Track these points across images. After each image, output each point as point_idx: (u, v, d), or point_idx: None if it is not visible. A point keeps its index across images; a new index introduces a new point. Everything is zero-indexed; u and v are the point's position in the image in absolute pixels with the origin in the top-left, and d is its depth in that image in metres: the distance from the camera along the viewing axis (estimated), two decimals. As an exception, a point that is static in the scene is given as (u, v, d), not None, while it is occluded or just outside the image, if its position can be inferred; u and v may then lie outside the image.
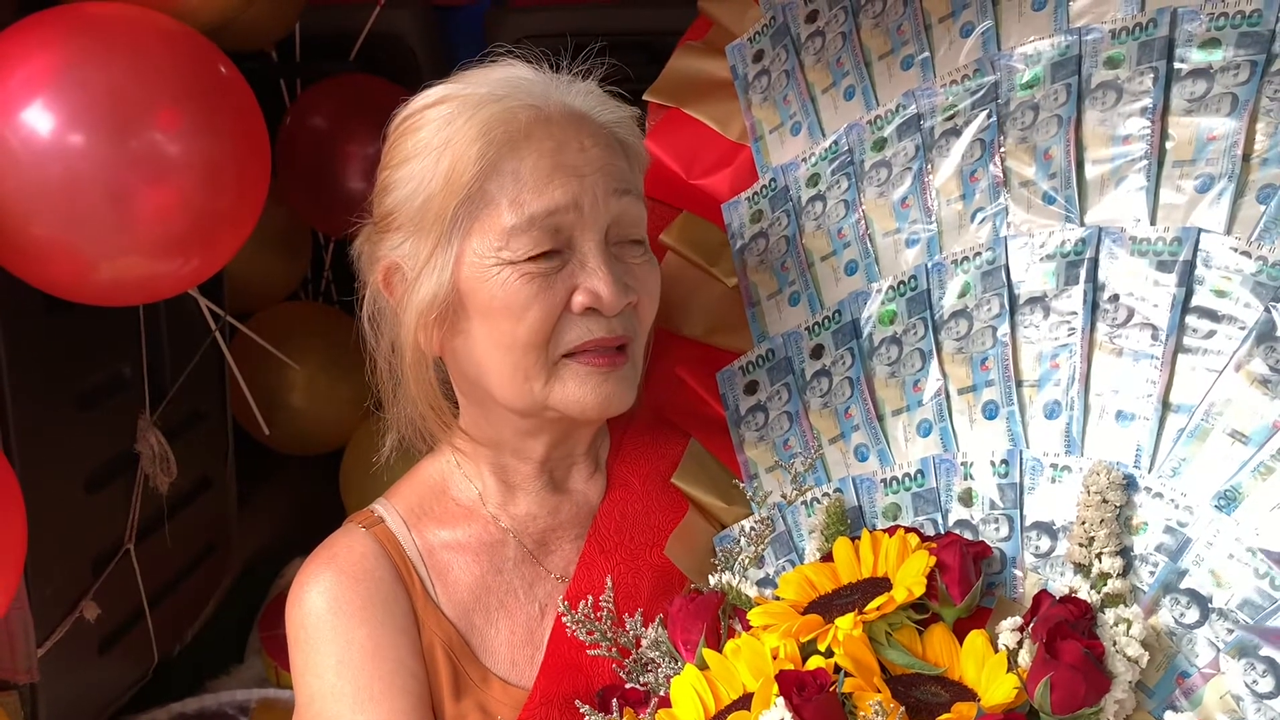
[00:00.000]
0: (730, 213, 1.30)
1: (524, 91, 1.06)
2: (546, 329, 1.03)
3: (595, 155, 1.05)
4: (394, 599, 1.07)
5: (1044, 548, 0.97)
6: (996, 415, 1.03)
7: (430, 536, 1.12)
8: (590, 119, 1.08)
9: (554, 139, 1.04)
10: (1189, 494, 0.90)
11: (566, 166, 1.03)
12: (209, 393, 1.96)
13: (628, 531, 1.12)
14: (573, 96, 1.08)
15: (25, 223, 1.18)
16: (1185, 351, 0.94)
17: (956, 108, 1.14)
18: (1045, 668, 0.86)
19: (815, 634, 0.93)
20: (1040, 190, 1.06)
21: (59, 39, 1.19)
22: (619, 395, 1.07)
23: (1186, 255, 0.96)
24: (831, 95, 1.26)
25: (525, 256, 1.02)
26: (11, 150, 1.16)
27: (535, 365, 1.04)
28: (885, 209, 1.17)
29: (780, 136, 1.30)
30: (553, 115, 1.05)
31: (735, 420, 1.20)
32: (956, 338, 1.07)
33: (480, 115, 1.04)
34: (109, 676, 1.74)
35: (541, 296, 1.02)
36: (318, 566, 1.09)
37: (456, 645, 1.08)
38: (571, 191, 1.03)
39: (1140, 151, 1.01)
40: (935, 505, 1.04)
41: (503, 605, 1.10)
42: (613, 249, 1.06)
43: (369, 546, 1.09)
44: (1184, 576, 0.89)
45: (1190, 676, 0.87)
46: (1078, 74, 1.07)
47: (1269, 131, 0.95)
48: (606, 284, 1.03)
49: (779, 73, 1.31)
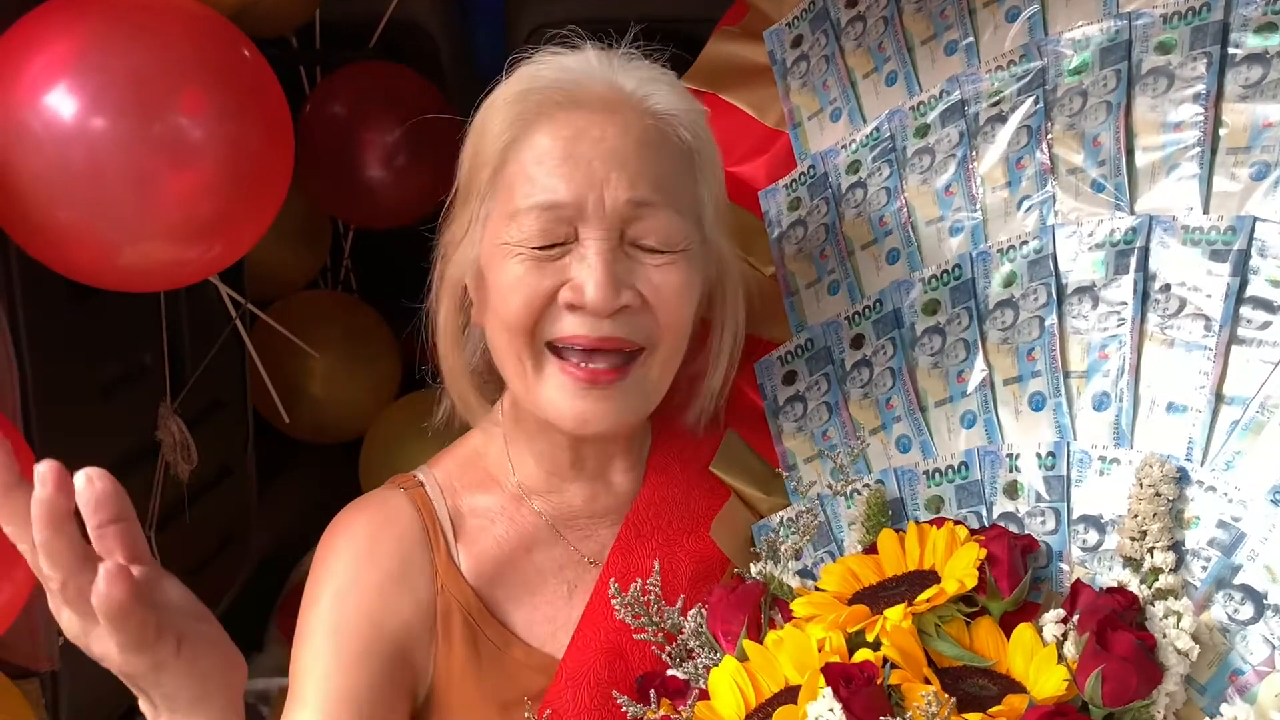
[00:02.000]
0: (768, 200, 1.28)
1: (571, 72, 1.02)
2: (530, 316, 1.00)
3: (620, 148, 0.98)
4: (414, 556, 1.07)
5: (1091, 541, 0.96)
6: (1043, 407, 1.02)
7: (463, 505, 1.12)
8: (638, 105, 1.01)
9: (574, 126, 0.99)
10: (1243, 488, 0.89)
11: (577, 157, 0.98)
12: (229, 381, 1.95)
13: (666, 517, 1.11)
14: (628, 75, 1.02)
15: (49, 207, 1.17)
16: (1239, 343, 0.93)
17: (1002, 94, 1.12)
18: (1096, 659, 0.85)
19: (862, 625, 0.92)
20: (1089, 178, 1.04)
21: (81, 22, 1.17)
22: (598, 415, 1.01)
23: (1241, 244, 0.94)
24: (873, 80, 1.24)
25: (528, 245, 0.99)
26: (34, 134, 1.15)
27: (525, 348, 1.02)
28: (928, 196, 1.15)
29: (820, 123, 1.28)
30: (584, 98, 1.00)
31: (774, 411, 1.19)
32: (1002, 328, 1.06)
33: (515, 95, 1.02)
34: None
35: (528, 281, 0.99)
36: (349, 513, 1.11)
37: (474, 608, 1.07)
38: (576, 187, 0.98)
39: (1193, 139, 0.99)
40: (980, 498, 1.03)
41: (527, 583, 1.09)
42: (626, 247, 1.00)
43: (403, 504, 1.10)
44: (1238, 572, 0.87)
45: (1244, 674, 0.86)
46: (1128, 59, 1.05)
47: (1328, 118, 0.93)
48: (597, 282, 0.97)
49: (818, 58, 1.30)
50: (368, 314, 2.42)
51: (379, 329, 2.39)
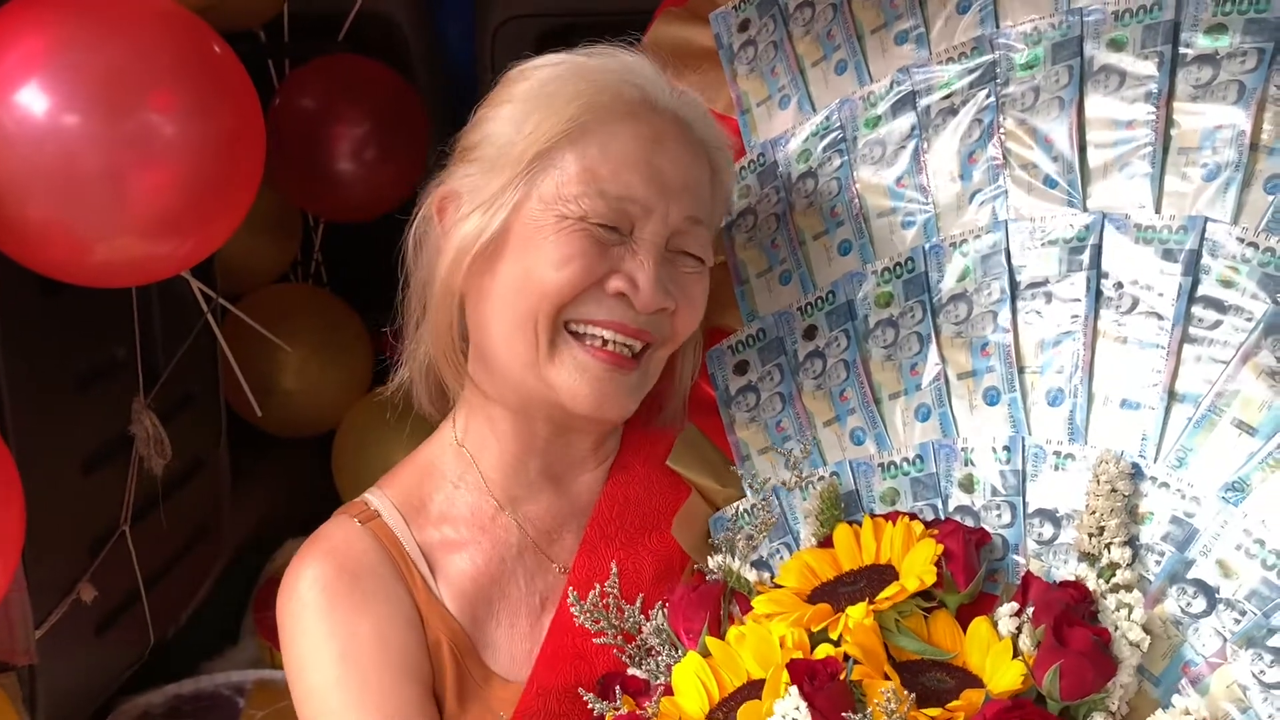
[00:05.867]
0: (716, 187, 1.27)
1: (640, 76, 1.06)
2: (575, 289, 1.01)
3: (685, 173, 1.05)
4: (395, 595, 1.05)
5: (1047, 535, 0.98)
6: (998, 401, 1.03)
7: (429, 531, 1.09)
8: (692, 131, 1.07)
9: (655, 131, 1.04)
10: (1195, 484, 0.91)
11: (655, 167, 1.03)
12: (201, 375, 1.96)
13: (628, 516, 1.10)
14: (680, 103, 1.08)
15: (20, 205, 1.17)
16: (1191, 341, 0.95)
17: (954, 86, 1.12)
18: (1054, 654, 0.87)
19: (826, 623, 0.93)
20: (1042, 174, 1.06)
21: (52, 20, 1.17)
22: (616, 400, 1.05)
23: (1193, 244, 0.96)
24: (822, 69, 1.24)
25: (592, 219, 1.01)
26: (6, 132, 1.15)
27: (546, 323, 1.02)
28: (880, 188, 1.15)
29: (768, 110, 1.28)
30: (660, 107, 1.05)
31: (725, 400, 1.19)
32: (955, 322, 1.07)
33: (590, 77, 1.04)
34: (106, 658, 1.76)
35: (589, 255, 1.01)
36: (312, 558, 1.05)
37: (461, 642, 1.05)
38: (650, 192, 1.02)
39: (1145, 137, 1.01)
40: (935, 491, 1.04)
41: (505, 595, 1.08)
42: (669, 253, 1.05)
43: (367, 542, 1.06)
44: (1191, 567, 0.90)
45: (1197, 665, 0.88)
46: (1079, 56, 1.06)
47: (1277, 121, 0.95)
48: (648, 279, 1.02)
49: (766, 44, 1.29)
50: (339, 307, 2.42)
51: (350, 322, 2.39)
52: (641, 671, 1.03)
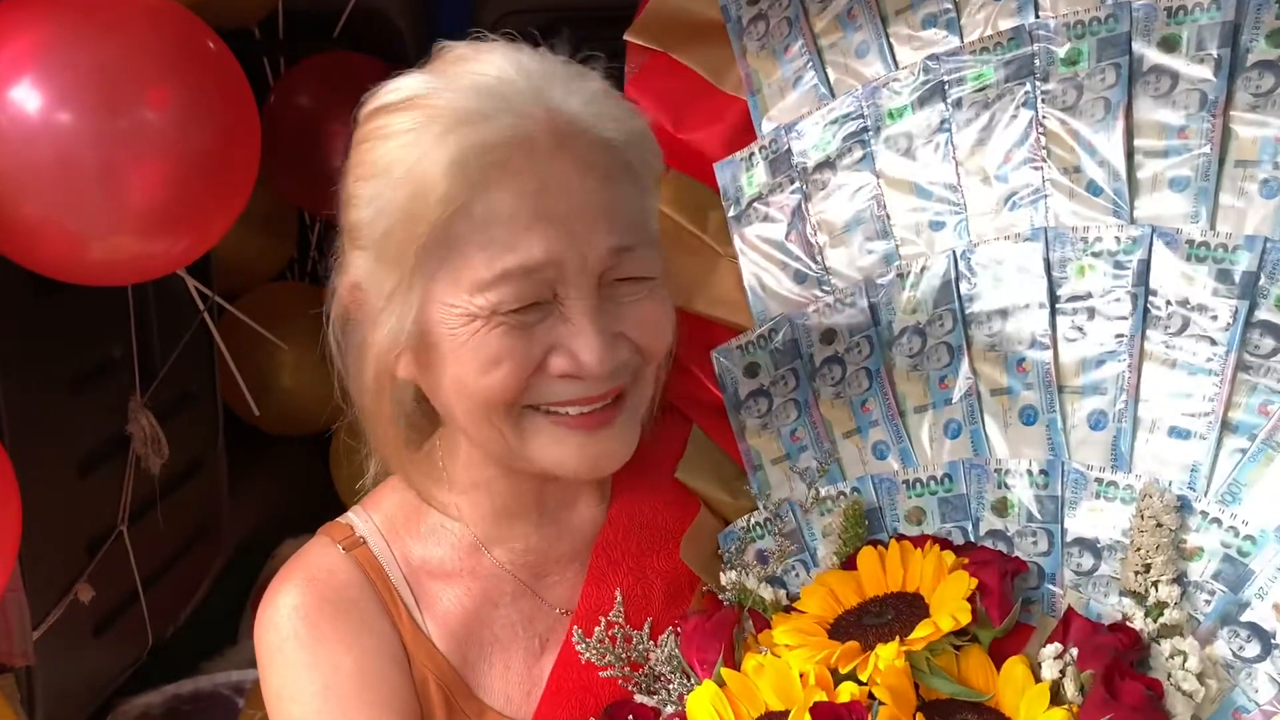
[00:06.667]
0: (724, 173, 1.19)
1: (506, 104, 0.88)
2: (518, 389, 0.91)
3: (588, 198, 0.89)
4: (379, 628, 0.99)
5: (1086, 566, 0.94)
6: (1035, 421, 0.98)
7: (415, 560, 1.03)
8: (589, 136, 0.90)
9: (537, 177, 0.87)
10: (1250, 522, 0.87)
11: (550, 215, 0.88)
12: (198, 374, 1.97)
13: (635, 538, 1.04)
14: (570, 100, 0.91)
15: (15, 203, 1.17)
16: (1246, 369, 0.90)
17: (987, 79, 1.05)
18: (1104, 708, 0.83)
19: (855, 663, 0.88)
20: (1085, 179, 1.00)
21: (46, 17, 1.17)
22: (610, 454, 0.95)
23: (1250, 265, 0.91)
24: (840, 50, 1.16)
25: (506, 309, 0.89)
26: (0, 130, 1.15)
27: (504, 418, 0.93)
28: (905, 185, 1.08)
29: (780, 90, 1.19)
30: (539, 139, 0.88)
31: (734, 405, 1.13)
32: (989, 334, 1.01)
33: (451, 140, 0.87)
34: (104, 659, 1.77)
35: (515, 352, 0.89)
36: (293, 586, 0.99)
37: (450, 679, 0.99)
38: (553, 246, 0.88)
39: (1199, 147, 0.95)
40: (965, 513, 1.00)
41: (497, 640, 1.02)
42: (605, 290, 0.92)
43: (351, 572, 1.00)
44: (1245, 609, 0.86)
45: (1250, 712, 0.85)
46: (1128, 54, 0.99)
47: (1344, 136, 0.90)
48: (591, 348, 0.89)
49: (779, 19, 1.20)
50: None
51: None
52: (651, 700, 0.98)
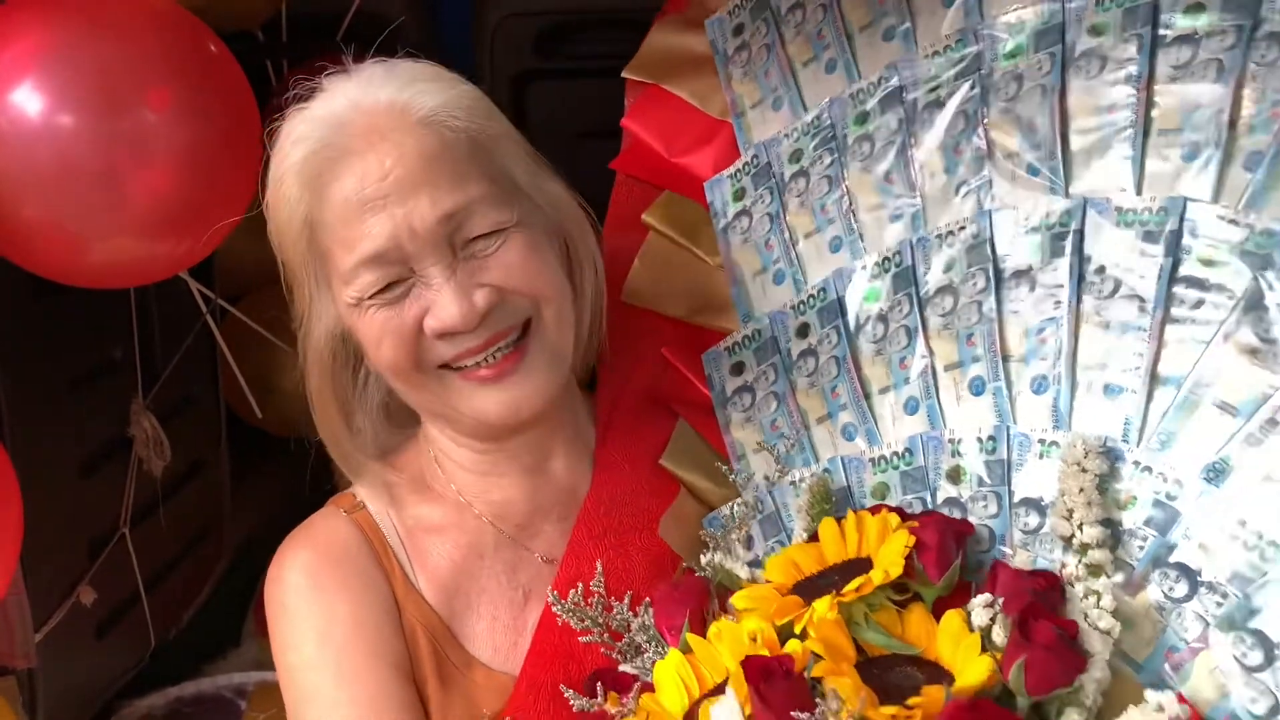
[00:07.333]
0: (713, 191, 1.28)
1: (331, 119, 0.99)
2: (409, 356, 1.01)
3: (407, 173, 0.96)
4: (374, 582, 1.07)
5: (1033, 524, 0.96)
6: (983, 391, 1.02)
7: (410, 520, 1.12)
8: (403, 121, 0.98)
9: (354, 173, 0.97)
10: (1178, 467, 0.89)
11: (373, 202, 0.96)
12: (200, 376, 1.94)
13: (616, 515, 1.11)
14: (390, 89, 1.00)
15: (16, 205, 1.16)
16: (1173, 322, 0.93)
17: (939, 79, 1.12)
18: (1019, 649, 0.84)
19: (792, 617, 0.92)
20: (1024, 162, 1.05)
21: (47, 18, 1.17)
22: (525, 398, 1.02)
23: (1173, 225, 0.94)
24: (813, 69, 1.24)
25: (370, 293, 0.99)
26: (0, 132, 1.15)
27: (420, 380, 1.03)
28: (868, 184, 1.15)
29: (762, 112, 1.28)
30: (354, 142, 0.97)
31: (721, 401, 1.19)
32: (942, 314, 1.06)
33: (293, 167, 1.00)
34: (106, 661, 1.73)
35: (390, 326, 0.99)
36: (297, 546, 1.10)
37: (438, 631, 1.07)
38: (385, 230, 0.97)
39: (1125, 120, 0.99)
40: (924, 484, 1.03)
41: (484, 591, 1.09)
42: (462, 253, 0.99)
43: (349, 531, 1.10)
44: (1173, 550, 0.88)
45: (1179, 651, 0.86)
46: (1061, 42, 1.05)
47: (1256, 98, 0.93)
48: (451, 303, 0.97)
49: (759, 47, 1.29)
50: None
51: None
52: (631, 669, 1.03)
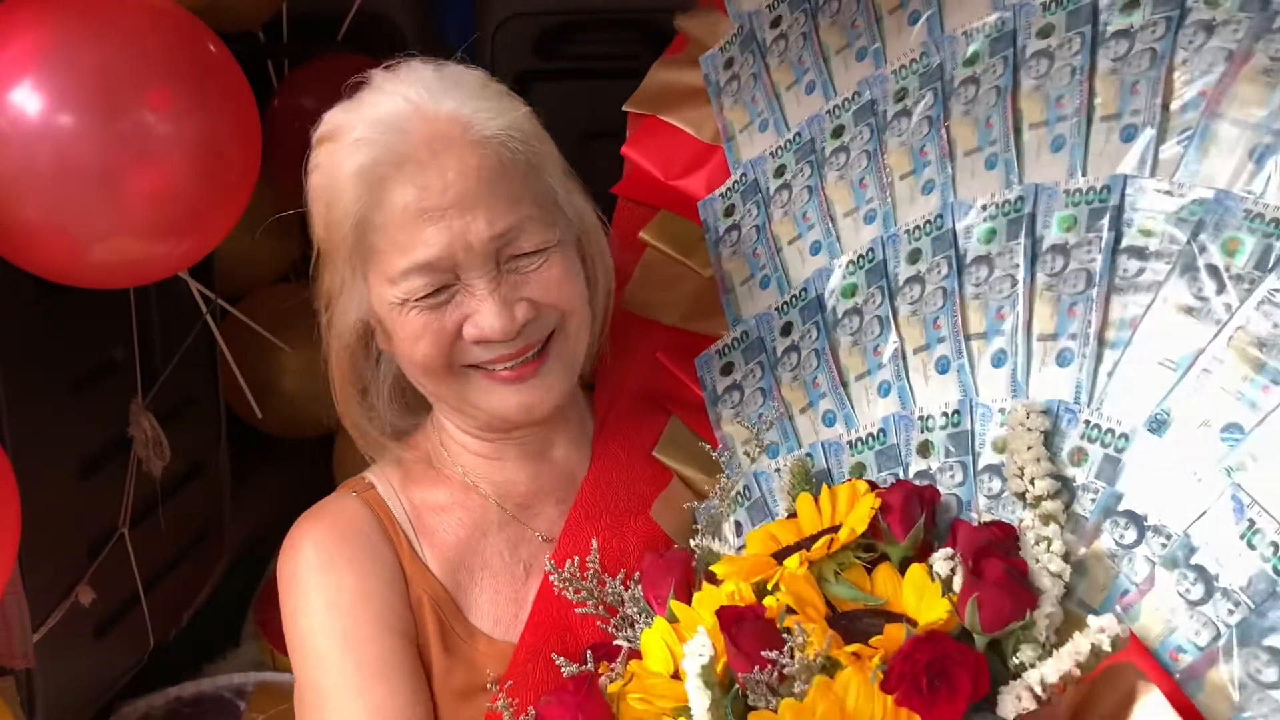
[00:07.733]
0: (706, 210, 1.36)
1: (394, 123, 1.03)
2: (442, 356, 1.07)
3: (468, 189, 1.02)
4: (381, 555, 1.13)
5: (995, 489, 1.01)
6: (948, 369, 1.08)
7: (416, 499, 1.18)
8: (470, 133, 1.03)
9: (416, 182, 1.02)
10: (1124, 422, 0.94)
11: (433, 213, 1.02)
12: (200, 377, 1.93)
13: (612, 498, 1.17)
14: (453, 102, 1.04)
15: (15, 205, 1.16)
16: (1118, 291, 0.98)
17: (906, 90, 1.20)
18: (972, 588, 0.89)
19: (764, 575, 0.97)
20: (983, 157, 1.12)
21: (46, 18, 1.16)
22: (540, 400, 1.10)
23: (1115, 200, 1.00)
24: (794, 91, 1.33)
25: (417, 296, 1.05)
26: (0, 132, 1.15)
27: (445, 378, 1.10)
28: (844, 190, 1.22)
29: (750, 134, 1.37)
30: (418, 147, 1.02)
31: (713, 400, 1.26)
32: (911, 301, 1.12)
33: (351, 165, 1.04)
34: (105, 662, 1.72)
35: (431, 328, 1.06)
36: (309, 523, 1.16)
37: (443, 602, 1.13)
38: (441, 241, 1.02)
39: (1071, 111, 1.06)
40: (897, 460, 1.08)
41: (487, 565, 1.16)
42: (505, 266, 1.06)
43: (359, 509, 1.16)
44: (1121, 499, 0.92)
45: (1129, 594, 0.90)
46: (1013, 46, 1.12)
47: (1185, 80, 0.99)
48: (493, 315, 1.04)
49: (747, 76, 1.39)
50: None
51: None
52: (623, 640, 1.08)
